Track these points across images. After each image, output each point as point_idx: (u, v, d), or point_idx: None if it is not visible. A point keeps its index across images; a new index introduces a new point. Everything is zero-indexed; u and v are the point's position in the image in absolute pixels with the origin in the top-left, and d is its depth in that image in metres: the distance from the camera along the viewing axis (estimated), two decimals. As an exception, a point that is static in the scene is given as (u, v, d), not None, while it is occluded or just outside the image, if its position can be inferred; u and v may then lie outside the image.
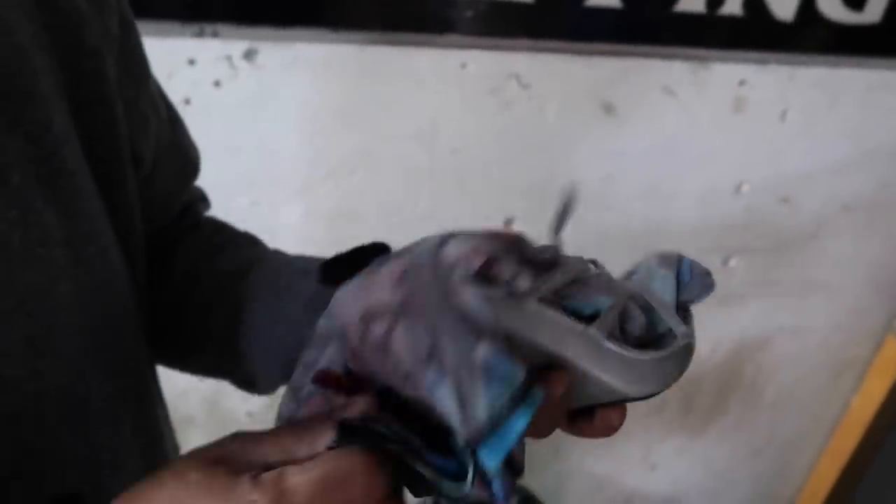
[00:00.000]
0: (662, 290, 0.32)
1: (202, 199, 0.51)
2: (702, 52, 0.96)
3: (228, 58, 0.83)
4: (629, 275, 0.34)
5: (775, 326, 1.26)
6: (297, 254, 0.44)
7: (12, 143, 0.28)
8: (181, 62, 0.81)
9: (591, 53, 0.93)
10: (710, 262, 1.11)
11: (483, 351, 0.26)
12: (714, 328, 1.21)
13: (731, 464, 1.46)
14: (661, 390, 0.31)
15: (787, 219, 1.14)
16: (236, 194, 0.91)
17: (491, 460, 0.26)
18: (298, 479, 0.24)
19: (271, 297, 0.40)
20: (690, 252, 0.34)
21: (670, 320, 0.31)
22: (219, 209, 0.54)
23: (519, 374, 0.26)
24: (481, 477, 0.27)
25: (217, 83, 0.84)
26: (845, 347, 1.32)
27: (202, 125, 0.53)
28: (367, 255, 0.33)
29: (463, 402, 0.25)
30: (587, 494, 1.42)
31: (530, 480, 1.24)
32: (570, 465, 1.35)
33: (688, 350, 0.31)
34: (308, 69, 0.86)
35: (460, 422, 0.25)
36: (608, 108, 0.98)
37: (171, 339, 0.44)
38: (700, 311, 0.33)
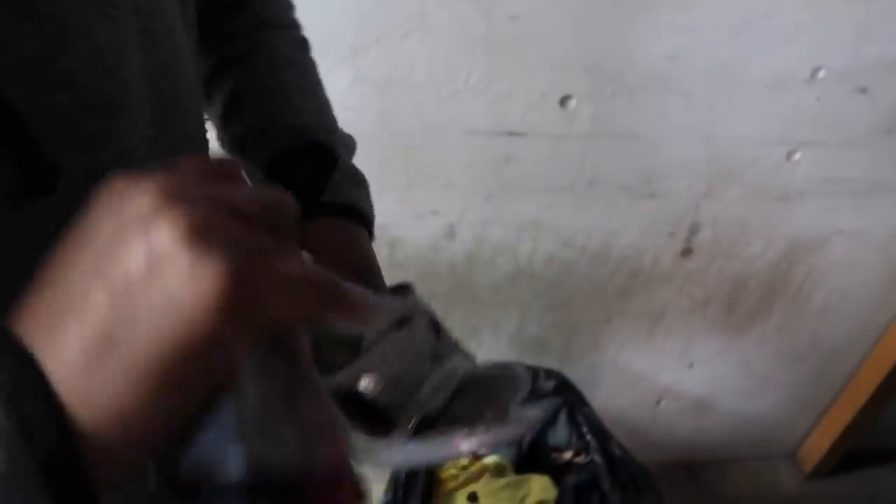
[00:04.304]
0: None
1: None
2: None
3: None
4: None
5: (833, 228, 1.21)
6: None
7: None
8: None
9: (668, -89, 0.85)
10: (773, 155, 1.06)
11: None
12: (768, 225, 1.17)
13: (769, 367, 1.45)
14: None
15: (861, 111, 1.06)
16: (285, 55, 0.88)
17: None
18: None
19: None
20: (752, 143, 0.31)
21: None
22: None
23: None
24: None
25: (267, -71, 0.79)
26: (905, 254, 1.27)
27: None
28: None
29: None
30: (620, 388, 1.43)
31: (567, 369, 1.25)
32: (606, 356, 1.36)
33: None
34: (362, -83, 0.81)
35: None
36: (681, -23, 0.91)
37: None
38: (755, 207, 0.30)
